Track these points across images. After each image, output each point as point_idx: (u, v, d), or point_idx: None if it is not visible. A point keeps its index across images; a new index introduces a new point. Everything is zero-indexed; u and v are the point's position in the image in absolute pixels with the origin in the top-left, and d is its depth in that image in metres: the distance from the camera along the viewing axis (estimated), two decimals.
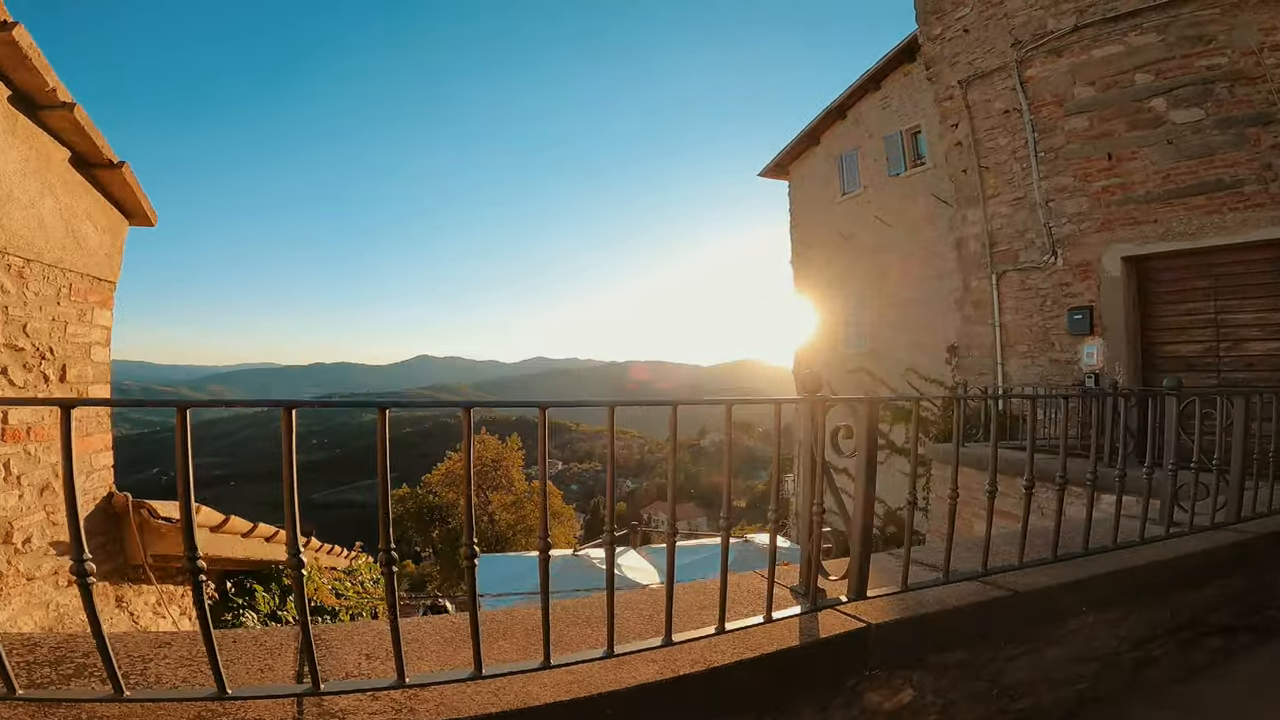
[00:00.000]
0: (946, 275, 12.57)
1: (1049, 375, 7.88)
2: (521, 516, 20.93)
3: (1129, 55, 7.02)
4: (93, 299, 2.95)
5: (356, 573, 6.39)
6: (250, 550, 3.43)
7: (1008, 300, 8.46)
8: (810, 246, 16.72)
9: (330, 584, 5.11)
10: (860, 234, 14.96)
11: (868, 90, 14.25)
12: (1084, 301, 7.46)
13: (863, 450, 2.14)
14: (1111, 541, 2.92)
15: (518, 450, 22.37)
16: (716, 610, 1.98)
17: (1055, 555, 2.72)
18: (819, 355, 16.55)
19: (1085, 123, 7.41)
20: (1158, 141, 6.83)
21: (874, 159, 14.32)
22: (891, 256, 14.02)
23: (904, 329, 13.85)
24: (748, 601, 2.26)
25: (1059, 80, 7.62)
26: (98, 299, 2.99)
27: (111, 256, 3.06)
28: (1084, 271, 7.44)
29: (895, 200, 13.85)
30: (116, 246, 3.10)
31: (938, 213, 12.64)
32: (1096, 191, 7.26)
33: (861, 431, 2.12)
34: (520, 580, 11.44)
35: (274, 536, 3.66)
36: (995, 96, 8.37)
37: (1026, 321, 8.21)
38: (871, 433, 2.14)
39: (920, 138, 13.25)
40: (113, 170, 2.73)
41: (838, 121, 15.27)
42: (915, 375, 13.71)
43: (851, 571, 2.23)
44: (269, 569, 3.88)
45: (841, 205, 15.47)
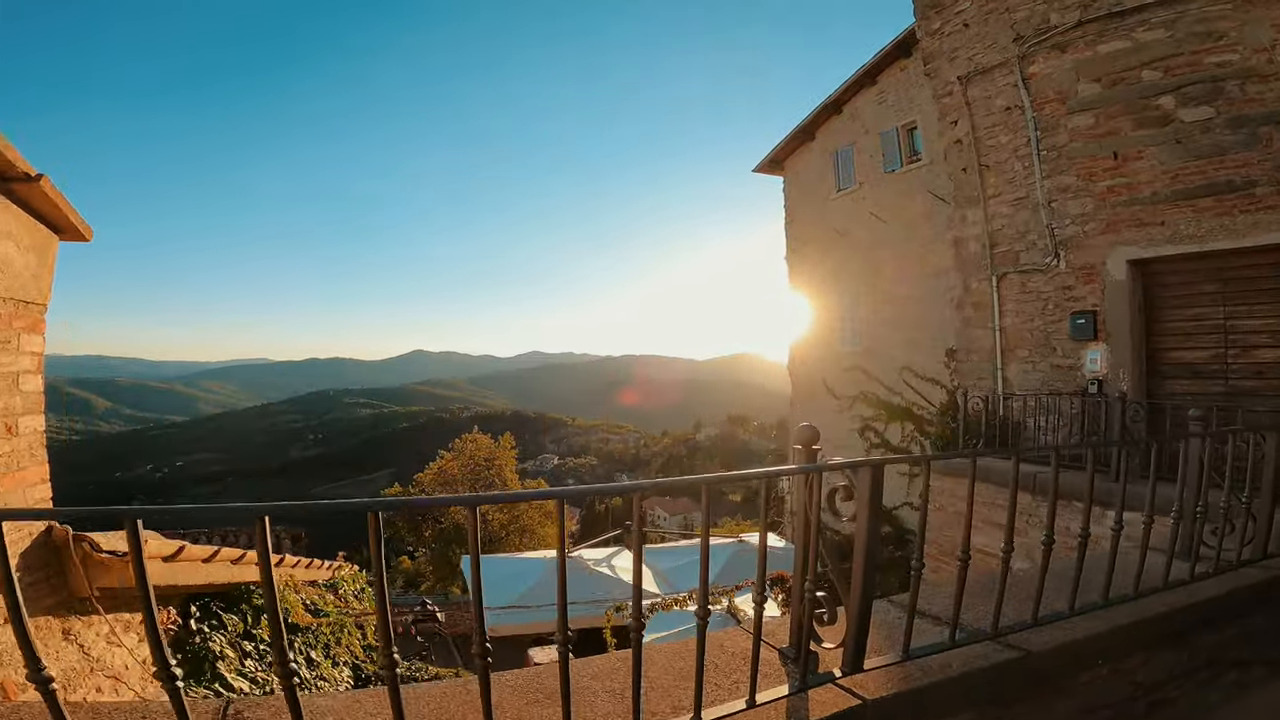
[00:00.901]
0: (943, 273, 12.39)
1: (1050, 381, 7.66)
2: (515, 516, 20.74)
3: (1135, 51, 6.77)
4: (18, 324, 2.68)
5: (339, 585, 6.12)
6: (214, 575, 3.20)
7: (1008, 303, 8.24)
8: (805, 243, 16.54)
9: (307, 600, 4.83)
10: (855, 230, 14.78)
11: (864, 85, 14.07)
12: (1087, 305, 7.24)
13: (864, 517, 1.90)
14: (1133, 589, 2.70)
15: (510, 449, 22.15)
16: (696, 683, 1.74)
17: (1073, 608, 2.49)
18: (814, 353, 16.40)
19: (1090, 120, 7.17)
20: (1165, 140, 6.60)
21: (870, 155, 14.16)
22: (887, 253, 13.86)
23: (899, 327, 13.70)
24: (731, 670, 2.03)
25: (1062, 77, 7.38)
26: (24, 324, 2.72)
27: (39, 277, 2.79)
28: (1087, 274, 7.21)
29: (891, 197, 13.69)
30: (45, 265, 2.83)
31: (934, 210, 12.47)
32: (1101, 192, 7.03)
33: (864, 494, 1.89)
34: (513, 582, 11.18)
35: (241, 559, 3.42)
36: (996, 93, 8.13)
37: (1028, 325, 8.00)
38: (875, 498, 1.90)
39: (916, 134, 13.10)
40: (30, 184, 2.46)
41: (833, 117, 15.10)
42: (911, 374, 13.56)
43: (848, 642, 2.00)
44: (237, 590, 3.65)
45: (837, 201, 15.29)
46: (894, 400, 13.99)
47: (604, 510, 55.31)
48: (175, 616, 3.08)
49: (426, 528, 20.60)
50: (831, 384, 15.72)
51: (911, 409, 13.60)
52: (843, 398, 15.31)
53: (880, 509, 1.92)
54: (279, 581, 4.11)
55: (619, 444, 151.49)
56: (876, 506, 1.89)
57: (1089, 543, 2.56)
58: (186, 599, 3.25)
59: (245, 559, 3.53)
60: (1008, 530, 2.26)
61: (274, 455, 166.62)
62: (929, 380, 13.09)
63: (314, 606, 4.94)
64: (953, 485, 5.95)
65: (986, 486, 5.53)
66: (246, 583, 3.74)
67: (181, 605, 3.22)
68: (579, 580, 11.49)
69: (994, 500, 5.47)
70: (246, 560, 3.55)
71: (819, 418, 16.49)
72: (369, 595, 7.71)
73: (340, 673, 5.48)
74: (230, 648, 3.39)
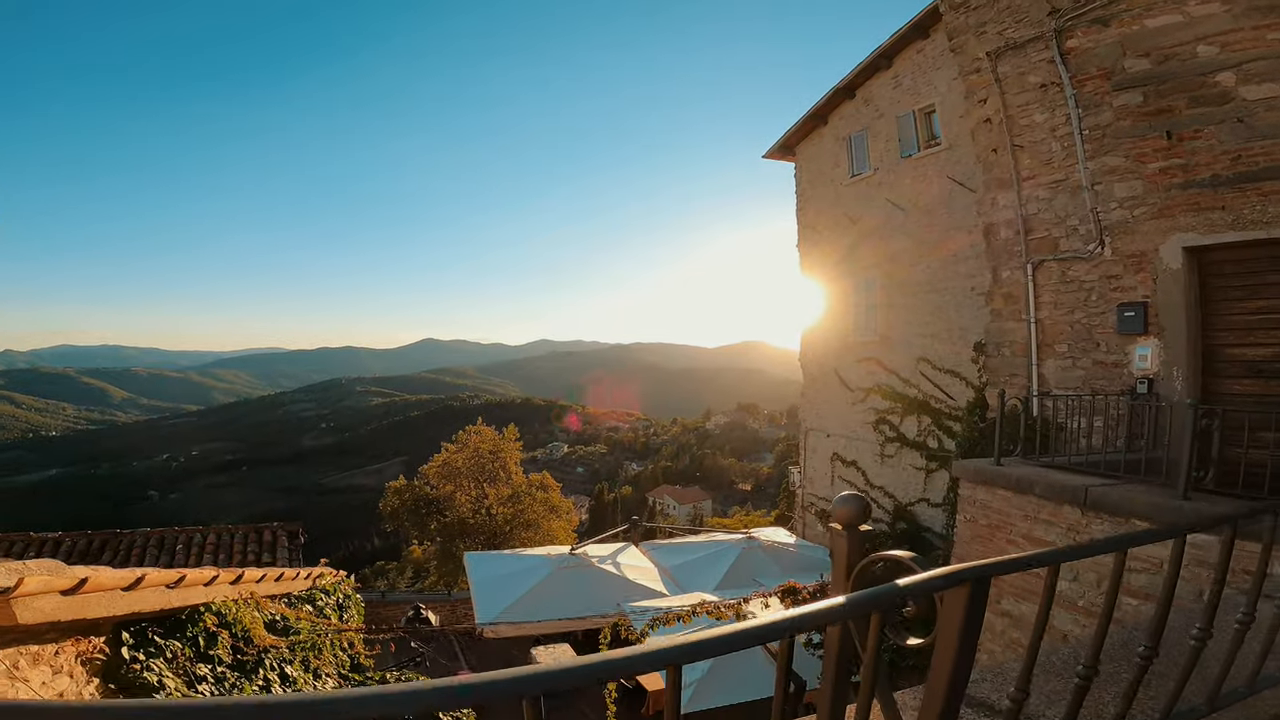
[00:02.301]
0: (963, 260, 11.80)
1: (1093, 379, 7.07)
2: (519, 510, 20.44)
3: (1188, 26, 6.12)
4: None
5: (315, 596, 5.67)
6: (142, 602, 2.75)
7: (1045, 294, 7.63)
8: (818, 230, 15.92)
9: (269, 617, 4.35)
10: (870, 217, 14.16)
11: (878, 68, 13.44)
12: (1136, 297, 6.62)
13: (948, 654, 1.33)
14: (1248, 683, 2.02)
15: (515, 441, 21.76)
16: None
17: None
18: (827, 343, 15.84)
19: (1138, 98, 6.52)
20: (1226, 119, 5.95)
21: (885, 140, 13.54)
22: (904, 241, 13.24)
23: (916, 317, 13.11)
24: None
25: (1106, 52, 6.73)
26: None
27: None
28: (1137, 263, 6.59)
29: (907, 182, 13.08)
30: None
31: (953, 196, 11.88)
32: (1153, 174, 6.39)
33: (955, 619, 1.32)
34: (515, 581, 10.75)
35: (179, 582, 2.98)
36: (1030, 69, 7.47)
37: (1067, 318, 7.39)
38: (971, 622, 1.32)
39: (934, 118, 12.50)
40: None
41: (846, 101, 14.46)
42: (929, 365, 12.98)
43: None
44: (181, 615, 3.23)
45: (850, 187, 14.67)
46: (910, 393, 13.42)
47: (613, 500, 55.08)
48: (101, 645, 2.65)
49: (431, 521, 20.29)
50: (844, 375, 15.16)
51: (929, 402, 13.03)
52: (856, 389, 14.76)
53: (975, 640, 1.33)
54: (231, 598, 3.68)
55: (628, 432, 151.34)
56: (970, 638, 1.31)
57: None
58: (118, 626, 2.83)
59: (186, 581, 3.10)
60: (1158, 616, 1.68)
61: (287, 444, 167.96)
62: (948, 372, 12.53)
63: (284, 621, 4.49)
64: (986, 495, 5.40)
65: (1027, 499, 4.99)
66: (193, 606, 3.32)
67: (114, 632, 2.80)
68: (580, 578, 11.05)
69: (1037, 514, 4.93)
70: (188, 583, 3.13)
71: (831, 409, 15.97)
72: (356, 603, 7.28)
73: (324, 685, 5.07)
74: (174, 675, 2.98)
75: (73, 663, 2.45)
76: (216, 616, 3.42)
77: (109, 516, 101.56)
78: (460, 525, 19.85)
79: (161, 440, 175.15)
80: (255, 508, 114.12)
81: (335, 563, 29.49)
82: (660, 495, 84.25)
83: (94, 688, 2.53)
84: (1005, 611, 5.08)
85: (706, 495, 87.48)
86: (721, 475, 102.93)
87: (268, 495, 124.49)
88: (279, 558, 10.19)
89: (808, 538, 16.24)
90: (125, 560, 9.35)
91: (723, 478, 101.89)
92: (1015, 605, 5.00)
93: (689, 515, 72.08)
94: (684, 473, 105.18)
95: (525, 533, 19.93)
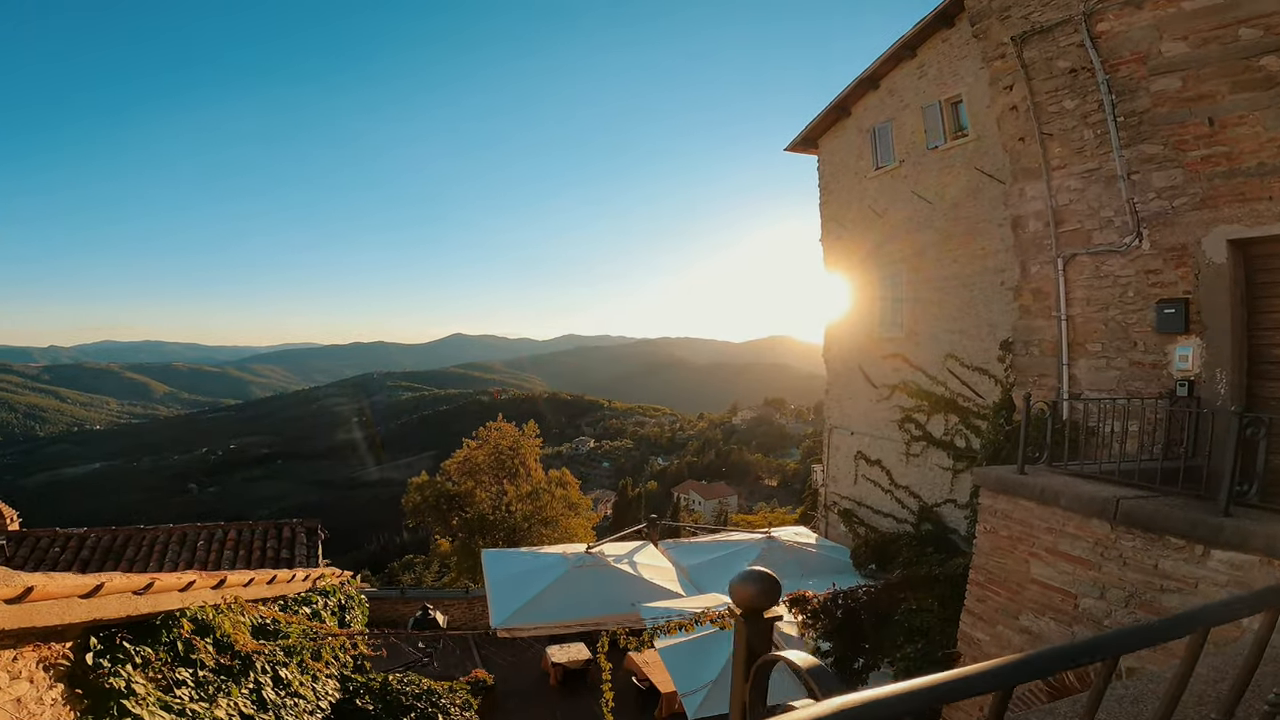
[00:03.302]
0: (992, 254, 11.42)
1: (1128, 380, 6.67)
2: (538, 507, 20.42)
3: (1229, 8, 5.70)
4: None
5: (312, 599, 5.59)
6: (104, 609, 2.68)
7: (1077, 290, 7.23)
8: (841, 224, 15.55)
9: (257, 621, 4.27)
10: (895, 210, 13.78)
11: (902, 59, 13.07)
12: (1177, 293, 6.21)
13: None
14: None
15: (534, 438, 21.74)
16: None
17: None
18: (852, 339, 15.48)
19: (1177, 83, 6.11)
20: (1272, 104, 5.52)
21: (910, 131, 13.17)
22: (930, 234, 12.85)
23: (945, 312, 12.71)
24: None
25: (1140, 36, 6.32)
26: None
27: None
28: (1177, 257, 6.18)
29: (934, 175, 12.70)
30: None
31: (982, 187, 11.48)
32: (1194, 162, 5.98)
33: None
34: (532, 579, 10.64)
35: (148, 588, 2.92)
36: (1058, 54, 7.08)
37: (1101, 315, 6.99)
38: None
39: (961, 108, 12.12)
40: None
41: (870, 92, 14.10)
42: (957, 362, 12.56)
43: None
44: (154, 620, 3.17)
45: (875, 180, 14.29)
46: (937, 390, 13.02)
47: (637, 496, 55.02)
48: (65, 651, 2.63)
49: (453, 516, 20.39)
50: (869, 371, 14.80)
51: (957, 400, 12.63)
52: (881, 386, 14.39)
53: None
54: (212, 603, 3.62)
55: (654, 427, 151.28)
56: None
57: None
58: (86, 631, 2.80)
59: (156, 588, 3.03)
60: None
61: (321, 438, 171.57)
62: (976, 369, 12.12)
63: (275, 625, 4.42)
64: (1008, 506, 5.11)
65: (1053, 511, 4.69)
66: (169, 611, 3.26)
67: (80, 639, 2.77)
68: (596, 577, 10.89)
69: (1063, 527, 4.63)
70: (158, 589, 3.06)
71: (856, 407, 15.60)
72: (360, 604, 7.21)
73: (324, 686, 5.02)
74: (145, 680, 2.94)
75: (33, 668, 2.43)
76: (193, 623, 3.36)
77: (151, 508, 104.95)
78: (480, 521, 19.91)
79: (201, 434, 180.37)
80: (289, 501, 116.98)
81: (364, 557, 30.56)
82: (685, 491, 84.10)
83: (57, 693, 2.53)
84: (1024, 628, 4.80)
85: (732, 491, 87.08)
86: (747, 471, 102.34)
87: (302, 489, 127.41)
88: (297, 554, 10.26)
89: (831, 537, 15.92)
90: (148, 556, 9.50)
91: (748, 473, 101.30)
92: (1034, 621, 4.72)
93: (714, 511, 71.82)
94: (710, 468, 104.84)
95: (544, 529, 19.91)
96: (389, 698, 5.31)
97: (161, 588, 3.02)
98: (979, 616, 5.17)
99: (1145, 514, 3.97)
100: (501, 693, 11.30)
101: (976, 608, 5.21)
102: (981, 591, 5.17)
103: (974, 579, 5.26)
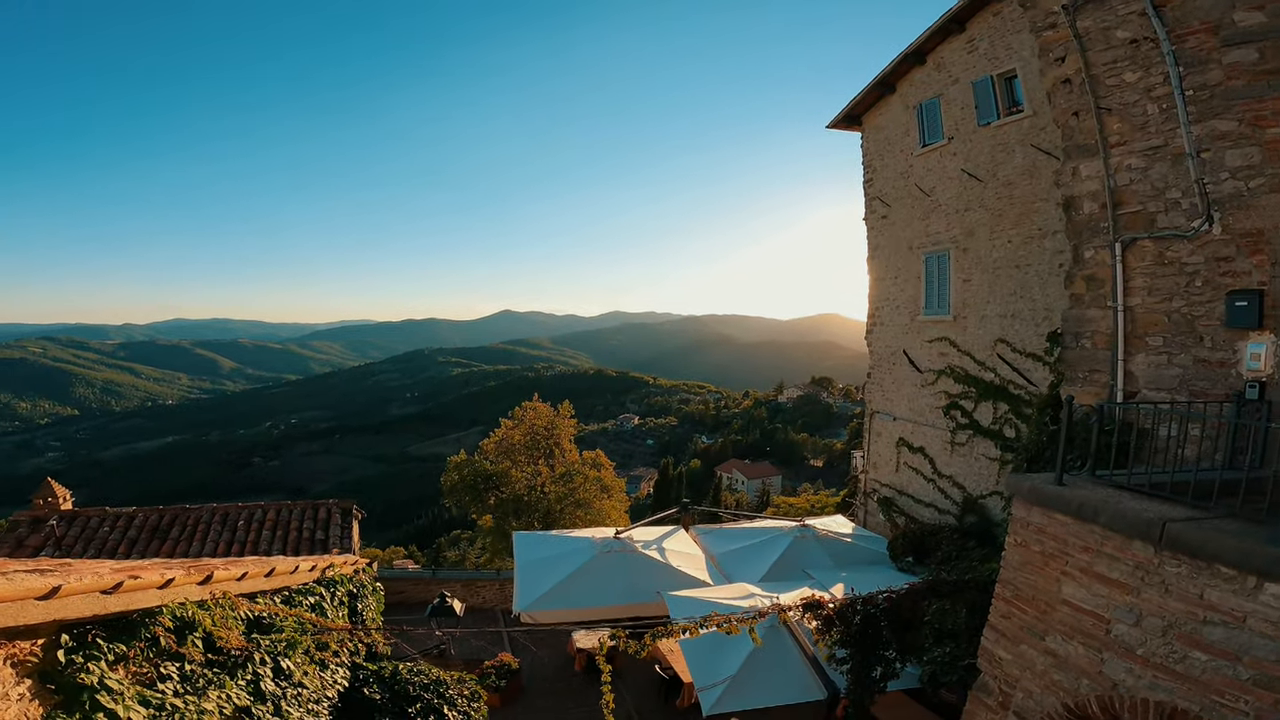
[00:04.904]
0: (1049, 235, 10.78)
1: (1192, 379, 6.09)
2: (571, 489, 20.43)
3: None
4: None
5: (315, 590, 5.52)
6: (66, 610, 2.69)
7: (1137, 277, 6.62)
8: (886, 203, 14.92)
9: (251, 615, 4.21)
10: (943, 189, 13.13)
11: (950, 32, 12.42)
12: (1251, 283, 5.59)
13: None
14: None
15: (569, 418, 21.70)
16: None
17: None
18: (895, 321, 14.96)
19: (1253, 55, 5.44)
20: None
21: (960, 107, 12.51)
22: (981, 214, 12.20)
23: (996, 295, 12.10)
24: None
25: (1210, 4, 5.65)
26: None
27: None
28: (1252, 243, 5.55)
29: (985, 152, 12.04)
30: None
31: (1039, 166, 10.79)
32: (1273, 140, 5.32)
33: None
34: (557, 564, 10.59)
35: (117, 588, 2.91)
36: (1116, 24, 6.41)
37: (1163, 306, 6.39)
38: None
39: (1016, 83, 11.47)
40: None
41: (916, 68, 13.48)
42: (1007, 348, 11.92)
43: None
44: (129, 619, 3.19)
45: (921, 158, 13.65)
46: (986, 377, 12.41)
47: (677, 475, 54.91)
48: (35, 649, 2.66)
49: (490, 496, 20.62)
50: (913, 355, 14.23)
51: (1007, 387, 12.00)
52: (926, 371, 13.84)
53: None
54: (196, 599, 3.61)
55: (699, 404, 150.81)
56: None
57: None
58: (58, 629, 2.84)
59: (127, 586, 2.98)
60: None
61: (375, 412, 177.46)
62: (1029, 356, 11.49)
63: (269, 618, 4.39)
64: (1042, 519, 4.70)
65: (1091, 529, 4.29)
66: (148, 608, 3.26)
67: (52, 636, 2.80)
68: (622, 563, 10.77)
69: (1100, 547, 4.23)
70: (130, 588, 3.02)
71: (899, 391, 15.03)
72: (375, 592, 7.18)
73: (332, 675, 5.03)
74: (118, 678, 2.99)
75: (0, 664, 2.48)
76: (174, 619, 3.36)
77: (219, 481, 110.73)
78: (516, 502, 20.10)
79: (264, 409, 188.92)
80: (346, 475, 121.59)
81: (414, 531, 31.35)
82: (729, 470, 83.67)
83: (25, 688, 2.57)
84: (1050, 650, 4.43)
85: (776, 471, 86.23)
86: (793, 451, 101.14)
87: (358, 463, 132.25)
88: (331, 535, 10.51)
89: (869, 526, 15.50)
90: (191, 535, 9.87)
91: (794, 453, 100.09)
92: (1061, 644, 4.34)
93: (757, 491, 71.29)
94: (754, 447, 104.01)
95: (577, 511, 19.95)
96: (397, 687, 5.33)
97: (134, 586, 3.02)
98: (1002, 633, 4.82)
99: (1194, 539, 3.56)
100: (526, 677, 11.41)
101: (1001, 624, 4.86)
102: (1007, 608, 4.82)
103: (1000, 593, 4.90)
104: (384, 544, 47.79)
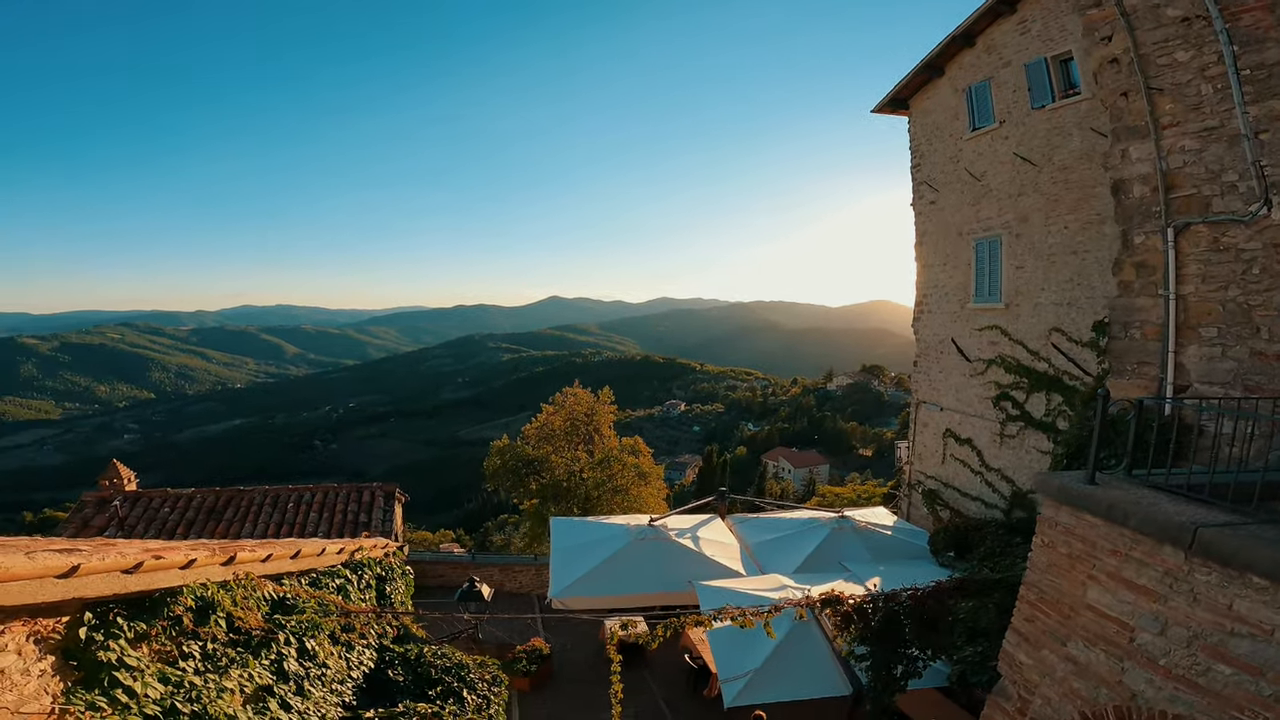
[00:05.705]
0: (1108, 220, 10.23)
1: (1248, 373, 5.72)
2: (610, 475, 20.54)
3: None
4: None
5: (341, 573, 5.66)
6: (85, 589, 2.78)
7: (1190, 264, 6.24)
8: (934, 188, 14.42)
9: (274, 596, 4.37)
10: (995, 174, 12.61)
11: (1000, 14, 11.96)
12: None
13: None
14: None
15: (609, 404, 21.81)
16: None
17: None
18: (943, 309, 14.48)
19: None
20: None
21: (1012, 89, 12.03)
22: (1035, 199, 11.67)
23: (1050, 283, 11.60)
24: None
25: None
26: None
27: None
28: None
29: (1040, 136, 11.53)
30: None
31: (1096, 150, 10.26)
32: None
33: None
34: (592, 550, 10.67)
35: (137, 567, 3.05)
36: (1167, 2, 6.01)
37: (1218, 295, 6.01)
38: None
39: (1072, 65, 10.97)
40: None
41: (964, 50, 13.03)
42: (1063, 338, 11.40)
43: None
44: (151, 598, 3.31)
45: (971, 142, 13.14)
46: (1039, 367, 11.91)
47: (722, 463, 54.67)
48: (59, 626, 2.81)
49: (531, 481, 20.95)
50: (962, 344, 13.77)
51: (1062, 378, 11.48)
52: (975, 360, 13.38)
53: None
54: (216, 580, 3.75)
55: (746, 391, 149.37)
56: None
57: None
58: (82, 607, 2.96)
59: (147, 566, 3.08)
60: None
61: (428, 397, 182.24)
62: (1086, 345, 10.97)
63: (293, 600, 4.56)
64: (1070, 520, 4.50)
65: (1120, 531, 4.09)
66: (171, 588, 3.38)
67: (75, 614, 2.94)
68: (656, 551, 10.80)
69: (1129, 551, 4.03)
70: (151, 568, 3.11)
71: (947, 381, 14.57)
72: (404, 575, 7.35)
73: (358, 656, 5.20)
74: (139, 655, 3.12)
75: (22, 641, 2.57)
76: (195, 599, 3.51)
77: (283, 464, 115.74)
78: (555, 488, 20.39)
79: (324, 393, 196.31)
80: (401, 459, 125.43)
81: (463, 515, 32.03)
82: (775, 458, 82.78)
83: (47, 664, 2.67)
84: (1070, 656, 4.25)
85: (824, 460, 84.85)
86: (841, 439, 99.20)
87: (412, 447, 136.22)
88: (374, 518, 10.91)
89: (912, 519, 15.15)
90: (244, 516, 10.41)
91: (842, 442, 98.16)
92: (1083, 651, 4.15)
93: (804, 480, 70.33)
94: (801, 435, 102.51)
95: (615, 498, 20.10)
96: (420, 670, 5.52)
97: (154, 566, 3.12)
98: (1024, 637, 4.66)
99: (1227, 546, 3.36)
100: (557, 662, 11.59)
101: (1023, 627, 4.69)
102: (1031, 610, 4.64)
103: (1024, 596, 4.72)
104: (434, 528, 49.19)
